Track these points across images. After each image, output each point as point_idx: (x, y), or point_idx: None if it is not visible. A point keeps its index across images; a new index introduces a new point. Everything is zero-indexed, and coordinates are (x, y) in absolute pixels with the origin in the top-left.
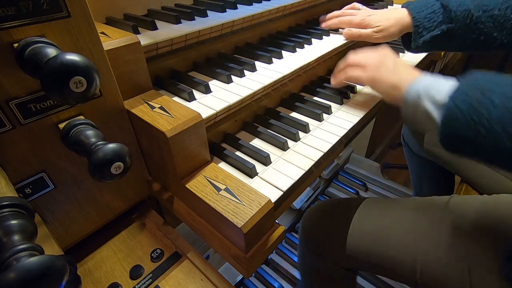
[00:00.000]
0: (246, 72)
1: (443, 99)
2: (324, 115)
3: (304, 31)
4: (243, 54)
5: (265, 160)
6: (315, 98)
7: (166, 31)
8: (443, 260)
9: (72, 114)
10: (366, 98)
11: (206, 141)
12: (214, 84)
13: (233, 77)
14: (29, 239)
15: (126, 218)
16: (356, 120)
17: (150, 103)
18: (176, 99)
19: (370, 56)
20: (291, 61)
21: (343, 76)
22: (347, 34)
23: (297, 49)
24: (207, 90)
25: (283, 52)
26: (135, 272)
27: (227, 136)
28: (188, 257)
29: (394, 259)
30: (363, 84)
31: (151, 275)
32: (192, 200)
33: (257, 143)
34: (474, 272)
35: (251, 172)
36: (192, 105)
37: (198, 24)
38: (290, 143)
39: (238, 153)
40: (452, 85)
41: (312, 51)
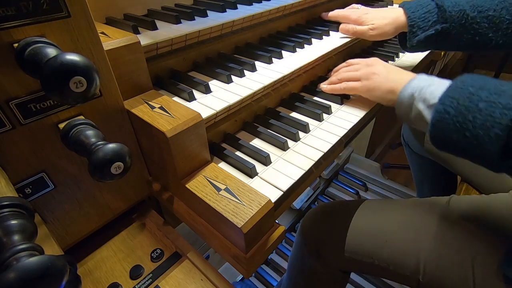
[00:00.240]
0: (246, 72)
1: (434, 101)
2: (324, 115)
3: (304, 31)
4: (243, 54)
5: (265, 160)
6: (315, 98)
7: (166, 31)
8: (445, 258)
9: (72, 114)
10: (366, 98)
11: (206, 141)
12: (214, 84)
13: (233, 77)
14: (29, 239)
15: (126, 218)
16: (356, 120)
17: (150, 103)
18: (176, 99)
19: (361, 67)
20: (291, 61)
21: (338, 90)
22: (343, 29)
23: (297, 49)
24: (207, 90)
25: (283, 52)
26: (135, 272)
27: (227, 136)
28: (188, 257)
29: (396, 260)
30: None
31: (151, 275)
32: (192, 200)
33: (257, 143)
34: (477, 270)
35: (251, 172)
36: (192, 105)
37: (198, 24)
38: (290, 143)
39: (238, 153)
40: (445, 87)
41: (312, 51)
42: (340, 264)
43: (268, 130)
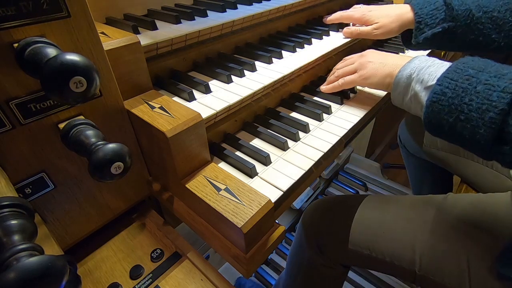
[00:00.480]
0: (246, 72)
1: (433, 82)
2: (324, 115)
3: (304, 31)
4: (243, 54)
5: (265, 160)
6: (315, 98)
7: (166, 31)
8: (441, 251)
9: (72, 114)
10: (366, 98)
11: (206, 141)
12: (214, 84)
13: (233, 77)
14: (29, 239)
15: (126, 218)
16: (356, 120)
17: (150, 103)
18: (176, 99)
19: (355, 59)
20: (291, 61)
21: (337, 87)
22: (346, 32)
23: (297, 49)
24: (207, 90)
25: (283, 52)
26: (135, 272)
27: (227, 136)
28: (188, 257)
29: (393, 252)
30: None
31: (151, 275)
32: (192, 200)
33: (257, 143)
34: (472, 265)
35: (251, 172)
36: (192, 105)
37: (198, 24)
38: (290, 143)
39: (238, 153)
40: (445, 69)
41: (312, 51)
42: (341, 257)
43: (268, 130)
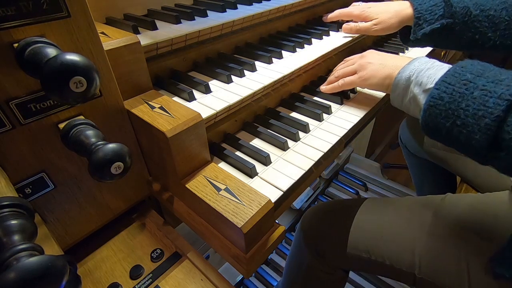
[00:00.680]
0: (246, 72)
1: (431, 85)
2: (324, 115)
3: (304, 31)
4: (243, 54)
5: (265, 160)
6: (315, 98)
7: (166, 31)
8: (440, 253)
9: (72, 114)
10: (366, 98)
11: (206, 141)
12: (214, 84)
13: (233, 77)
14: (29, 239)
15: (126, 218)
16: (356, 120)
17: (150, 103)
18: (176, 99)
19: (355, 60)
20: (291, 61)
21: (337, 88)
22: (346, 29)
23: (297, 49)
24: (207, 90)
25: (283, 52)
26: (135, 272)
27: (227, 136)
28: (188, 257)
29: (393, 255)
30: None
31: (151, 275)
32: (192, 200)
33: (257, 143)
34: (471, 265)
35: (251, 172)
36: (192, 105)
37: (198, 24)
38: (290, 143)
39: (238, 153)
40: (444, 72)
41: (312, 51)
42: (340, 262)
43: (268, 130)
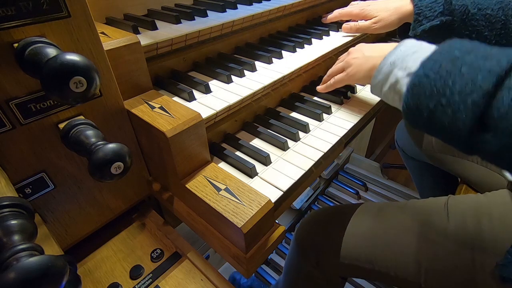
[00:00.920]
0: (246, 72)
1: (416, 67)
2: (324, 115)
3: (304, 31)
4: (243, 54)
5: (265, 160)
6: (315, 98)
7: (166, 31)
8: (446, 261)
9: (72, 114)
10: (366, 98)
11: (206, 141)
12: (214, 84)
13: (233, 77)
14: (29, 239)
15: (126, 218)
16: (356, 120)
17: (150, 103)
18: (176, 99)
19: (344, 57)
20: (291, 61)
21: (330, 87)
22: (346, 28)
23: (297, 49)
24: (207, 90)
25: (283, 52)
26: (135, 272)
27: (227, 136)
28: (188, 257)
29: (396, 265)
30: (363, 84)
31: (151, 275)
32: (192, 200)
33: (257, 143)
34: (478, 271)
35: (251, 172)
36: (192, 105)
37: (198, 24)
38: (290, 143)
39: (238, 153)
40: (430, 52)
41: (312, 51)
42: (338, 270)
43: (268, 130)
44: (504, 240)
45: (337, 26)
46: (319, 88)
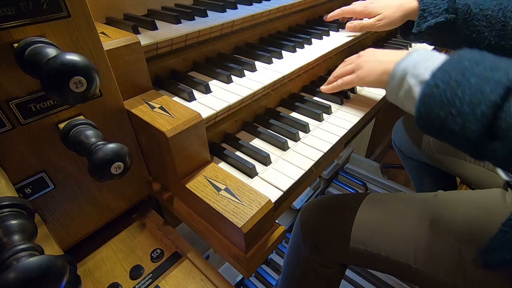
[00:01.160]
0: (246, 72)
1: (427, 76)
2: (324, 115)
3: (304, 31)
4: (243, 54)
5: (265, 160)
6: (315, 98)
7: (166, 31)
8: (434, 243)
9: (72, 114)
10: (366, 98)
11: (206, 141)
12: (214, 84)
13: (233, 77)
14: (29, 239)
15: (126, 218)
16: (356, 120)
17: (150, 103)
18: (176, 99)
19: (353, 60)
20: (291, 61)
21: (336, 88)
22: (349, 27)
23: (297, 49)
24: (207, 90)
25: (283, 52)
26: (135, 272)
27: (227, 136)
28: (188, 257)
29: (389, 247)
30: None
31: (151, 275)
32: (192, 200)
33: (257, 143)
34: (464, 255)
35: (251, 172)
36: (192, 105)
37: (198, 24)
38: (290, 143)
39: (238, 153)
40: (441, 62)
41: (312, 51)
42: (339, 256)
43: (268, 130)
44: (490, 229)
45: (337, 26)
46: (324, 88)
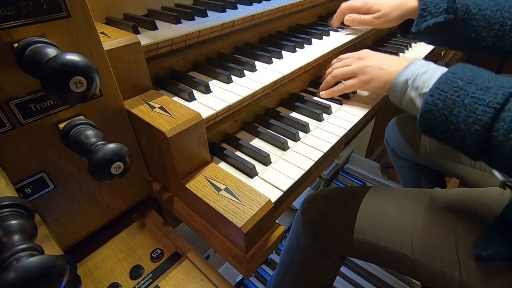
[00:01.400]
0: (246, 72)
1: (426, 90)
2: (324, 115)
3: (304, 31)
4: (243, 54)
5: (265, 160)
6: (315, 98)
7: (166, 31)
8: (431, 234)
9: (72, 114)
10: (366, 98)
11: (206, 141)
12: (214, 84)
13: (233, 77)
14: (29, 239)
15: (126, 218)
16: (356, 120)
17: (150, 103)
18: (176, 99)
19: (353, 61)
20: (291, 61)
21: (337, 92)
22: (348, 20)
23: (297, 49)
24: (207, 90)
25: (283, 52)
26: (135, 272)
27: (227, 136)
28: (188, 257)
29: (388, 236)
30: None
31: (151, 275)
32: (192, 200)
33: (257, 143)
34: (460, 247)
35: (251, 172)
36: (192, 105)
37: (198, 24)
38: (290, 143)
39: (238, 153)
40: (438, 76)
41: (312, 51)
42: (340, 247)
43: (268, 130)
44: (484, 223)
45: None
46: (324, 94)
